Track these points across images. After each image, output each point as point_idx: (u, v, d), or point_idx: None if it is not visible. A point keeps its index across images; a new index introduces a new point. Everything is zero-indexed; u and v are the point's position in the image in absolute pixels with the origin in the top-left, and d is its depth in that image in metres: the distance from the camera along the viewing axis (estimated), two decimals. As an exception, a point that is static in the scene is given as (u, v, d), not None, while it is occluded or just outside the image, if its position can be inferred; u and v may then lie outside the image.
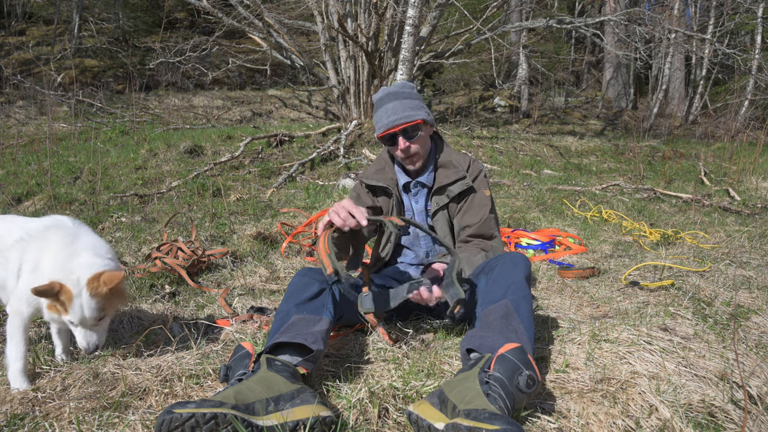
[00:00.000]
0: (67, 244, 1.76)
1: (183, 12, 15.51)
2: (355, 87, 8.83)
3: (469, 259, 1.96)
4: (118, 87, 12.26)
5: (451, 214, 2.11)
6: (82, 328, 1.69)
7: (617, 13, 9.25)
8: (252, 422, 1.24)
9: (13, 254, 1.79)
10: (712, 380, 1.59)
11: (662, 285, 2.53)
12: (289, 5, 10.57)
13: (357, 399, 1.45)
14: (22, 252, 1.78)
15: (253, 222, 4.23)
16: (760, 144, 7.88)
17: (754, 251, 3.31)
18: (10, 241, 1.82)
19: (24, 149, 7.06)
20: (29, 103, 10.26)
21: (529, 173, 7.14)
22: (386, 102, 2.03)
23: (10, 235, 1.83)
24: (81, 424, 1.40)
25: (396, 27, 8.55)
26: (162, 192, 5.18)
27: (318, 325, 1.66)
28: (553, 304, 2.43)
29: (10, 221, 1.94)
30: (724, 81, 14.54)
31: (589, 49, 15.90)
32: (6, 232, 1.86)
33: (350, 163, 6.76)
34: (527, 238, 3.88)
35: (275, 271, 3.10)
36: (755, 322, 2.10)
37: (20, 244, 1.80)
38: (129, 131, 8.47)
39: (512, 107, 12.65)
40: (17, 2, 14.28)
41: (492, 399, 1.26)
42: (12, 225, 1.89)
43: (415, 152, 2.03)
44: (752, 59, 10.99)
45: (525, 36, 12.87)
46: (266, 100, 12.47)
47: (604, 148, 9.24)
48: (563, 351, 1.78)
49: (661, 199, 5.85)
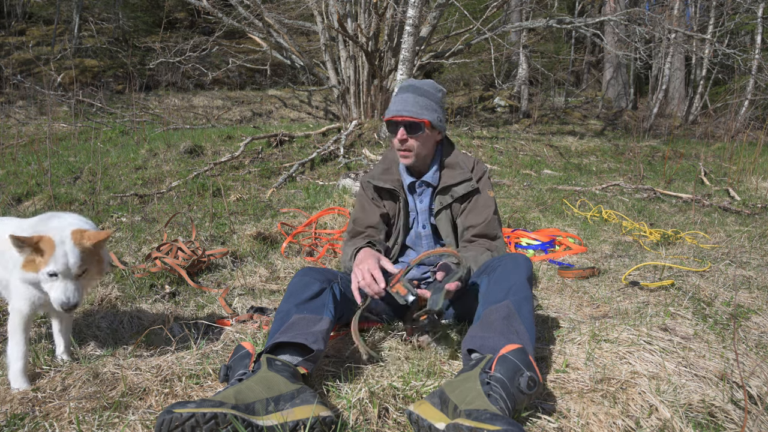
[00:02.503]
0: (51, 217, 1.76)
1: (183, 12, 15.51)
2: (355, 87, 8.83)
3: (476, 257, 1.96)
4: (118, 87, 12.26)
5: (455, 214, 2.11)
6: (62, 281, 1.63)
7: (617, 13, 9.25)
8: (252, 422, 1.24)
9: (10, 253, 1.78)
10: (712, 380, 1.59)
11: (662, 285, 2.53)
12: (289, 5, 10.57)
13: (357, 399, 1.45)
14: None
15: (253, 222, 4.23)
16: (760, 144, 7.88)
17: (754, 251, 3.31)
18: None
19: (24, 149, 7.05)
20: (29, 103, 10.26)
21: (529, 173, 7.14)
22: (405, 91, 2.06)
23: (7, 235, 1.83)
24: (81, 424, 1.40)
25: (396, 27, 8.55)
26: (162, 192, 5.18)
27: (318, 325, 1.66)
28: (553, 304, 2.43)
29: (7, 222, 1.93)
30: (724, 81, 14.54)
31: (589, 49, 15.90)
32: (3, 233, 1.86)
33: (350, 163, 6.76)
34: (527, 238, 3.88)
35: (275, 271, 3.10)
36: (755, 322, 2.10)
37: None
38: (129, 131, 8.47)
39: (512, 107, 12.65)
40: (17, 2, 14.28)
41: (493, 400, 1.26)
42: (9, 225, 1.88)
43: (411, 147, 2.03)
44: (752, 59, 10.98)
45: (525, 36, 12.87)
46: (266, 100, 12.47)
47: (604, 148, 9.24)
48: (563, 351, 1.78)
49: (661, 199, 5.85)
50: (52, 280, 1.64)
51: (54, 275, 1.63)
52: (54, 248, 1.62)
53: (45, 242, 1.61)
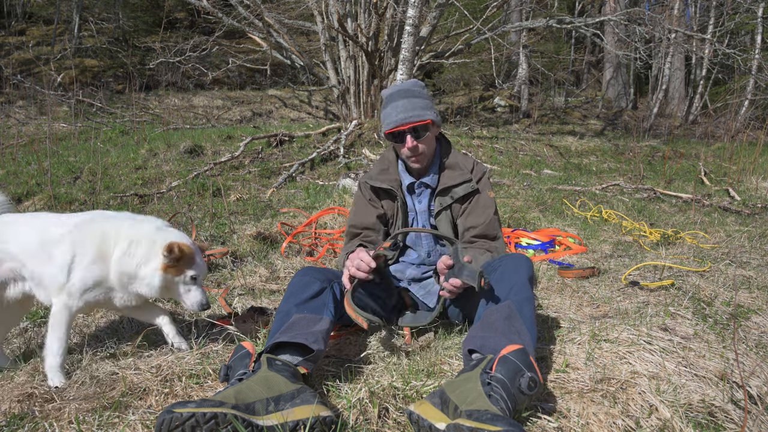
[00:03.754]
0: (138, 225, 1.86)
1: (183, 12, 15.50)
2: (355, 87, 8.83)
3: (476, 257, 1.96)
4: (118, 87, 12.26)
5: (455, 215, 2.11)
6: (198, 286, 1.85)
7: (617, 13, 9.25)
8: (252, 422, 1.24)
9: (61, 248, 1.78)
10: (712, 380, 1.59)
11: (662, 285, 2.53)
12: (289, 5, 10.57)
13: (357, 399, 1.45)
14: (74, 245, 1.77)
15: (253, 222, 4.23)
16: (760, 144, 7.88)
17: (754, 251, 3.31)
18: (56, 235, 1.81)
19: (24, 149, 7.06)
20: (29, 103, 10.26)
21: (529, 173, 7.14)
22: (397, 99, 2.03)
23: (55, 229, 1.83)
24: (81, 424, 1.40)
25: (396, 27, 8.54)
26: (162, 192, 5.18)
27: (318, 325, 1.66)
28: (553, 304, 2.43)
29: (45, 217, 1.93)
30: (724, 81, 14.54)
31: (589, 49, 15.90)
32: (47, 227, 1.85)
33: (350, 163, 6.76)
34: (527, 238, 3.88)
35: (275, 271, 3.10)
36: (755, 322, 2.10)
37: (70, 237, 1.79)
38: (129, 131, 8.47)
39: (512, 107, 12.65)
40: (17, 2, 14.27)
41: (494, 400, 1.26)
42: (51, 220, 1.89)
43: (422, 152, 2.03)
44: (752, 59, 10.98)
45: (525, 36, 12.87)
46: (266, 100, 12.46)
47: (604, 148, 9.24)
48: (563, 351, 1.78)
49: (661, 199, 5.85)
50: (191, 283, 1.82)
51: (195, 279, 1.81)
52: (194, 254, 1.81)
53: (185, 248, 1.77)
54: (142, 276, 1.79)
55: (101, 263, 1.77)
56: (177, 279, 1.81)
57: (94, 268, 1.76)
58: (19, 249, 1.83)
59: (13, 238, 1.85)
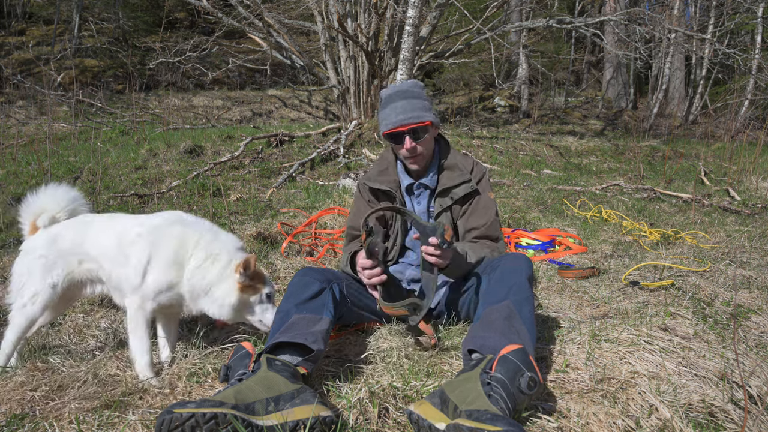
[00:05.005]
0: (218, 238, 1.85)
1: (183, 12, 15.50)
2: (355, 87, 8.83)
3: (474, 247, 1.98)
4: (118, 87, 12.25)
5: (455, 216, 2.11)
6: (273, 305, 1.83)
7: (617, 13, 9.25)
8: (252, 422, 1.24)
9: (136, 249, 1.79)
10: (712, 380, 1.59)
11: (662, 285, 2.53)
12: (289, 5, 10.57)
13: (357, 399, 1.45)
14: (151, 246, 1.78)
15: (253, 222, 4.23)
16: (760, 144, 7.88)
17: (754, 251, 3.31)
18: (132, 235, 1.81)
19: (24, 149, 7.05)
20: (29, 103, 10.26)
21: (529, 173, 7.14)
22: (395, 100, 2.02)
23: (133, 230, 1.83)
24: (81, 424, 1.40)
25: (396, 27, 8.54)
26: (162, 192, 5.17)
27: (318, 325, 1.66)
28: (553, 304, 2.43)
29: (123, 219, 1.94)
30: (724, 81, 14.53)
31: (589, 49, 15.89)
32: (123, 229, 1.86)
33: (350, 163, 6.76)
34: (527, 238, 3.88)
35: (275, 271, 3.10)
36: (755, 322, 2.10)
37: (148, 238, 1.80)
38: (129, 131, 8.47)
39: (512, 107, 12.65)
40: (17, 2, 14.27)
41: (494, 400, 1.26)
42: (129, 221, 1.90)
43: (420, 153, 2.03)
44: (752, 59, 10.98)
45: (525, 36, 12.86)
46: (266, 100, 12.46)
47: (604, 148, 9.24)
48: (563, 351, 1.78)
49: (661, 199, 5.85)
50: (267, 302, 1.81)
51: (270, 297, 1.81)
52: (264, 275, 1.80)
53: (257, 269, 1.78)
54: (216, 296, 1.78)
55: (177, 268, 1.78)
56: (253, 299, 1.79)
57: (170, 271, 1.76)
58: (98, 252, 1.85)
59: (92, 239, 1.87)
